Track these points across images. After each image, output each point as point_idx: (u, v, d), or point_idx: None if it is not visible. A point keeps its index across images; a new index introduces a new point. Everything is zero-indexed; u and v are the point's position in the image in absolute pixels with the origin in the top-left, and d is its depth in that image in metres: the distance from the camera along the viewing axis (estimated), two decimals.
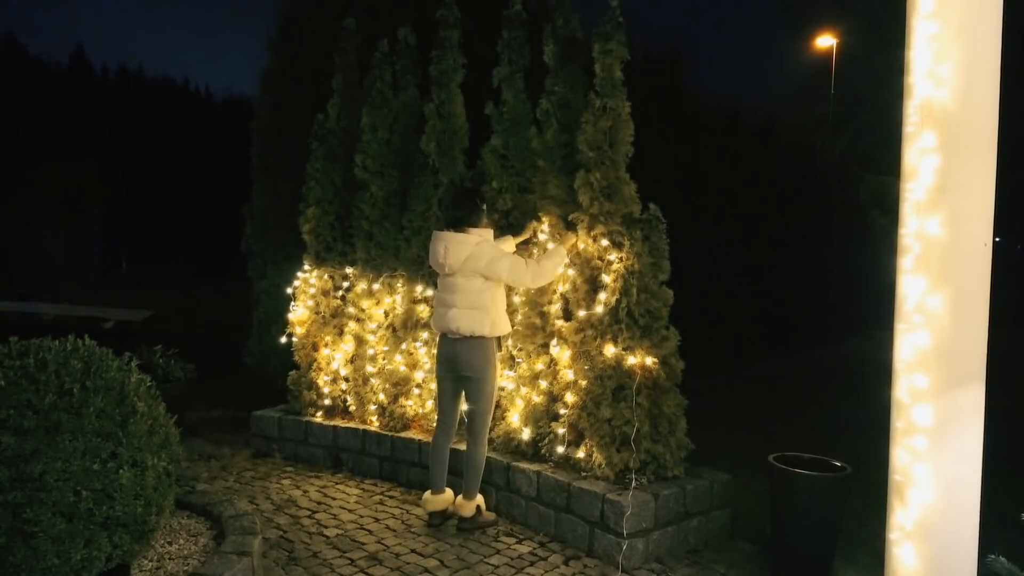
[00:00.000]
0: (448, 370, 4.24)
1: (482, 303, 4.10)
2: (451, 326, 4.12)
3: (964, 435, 2.36)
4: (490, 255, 4.08)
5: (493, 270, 4.07)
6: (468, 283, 4.10)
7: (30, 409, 2.64)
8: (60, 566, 2.58)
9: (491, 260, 4.07)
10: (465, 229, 4.15)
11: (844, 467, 3.62)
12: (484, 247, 4.10)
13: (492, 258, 4.07)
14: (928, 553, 2.39)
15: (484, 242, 4.13)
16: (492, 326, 4.13)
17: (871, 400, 3.24)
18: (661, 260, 4.05)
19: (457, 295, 4.11)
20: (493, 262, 4.07)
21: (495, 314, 4.15)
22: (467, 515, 4.23)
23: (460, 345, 4.14)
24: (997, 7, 2.31)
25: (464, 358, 4.13)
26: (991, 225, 2.35)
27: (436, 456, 4.35)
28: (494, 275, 4.08)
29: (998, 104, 2.34)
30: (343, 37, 5.98)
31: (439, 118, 5.13)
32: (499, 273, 4.07)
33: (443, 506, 4.31)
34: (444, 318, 4.16)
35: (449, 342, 4.20)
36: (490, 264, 4.06)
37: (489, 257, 4.07)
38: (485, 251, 4.08)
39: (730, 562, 3.85)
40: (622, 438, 3.96)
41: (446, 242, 4.12)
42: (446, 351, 4.22)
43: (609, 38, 4.07)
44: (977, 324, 2.34)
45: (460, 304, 4.10)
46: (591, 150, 4.12)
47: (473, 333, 4.09)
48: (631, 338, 3.97)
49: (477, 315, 4.09)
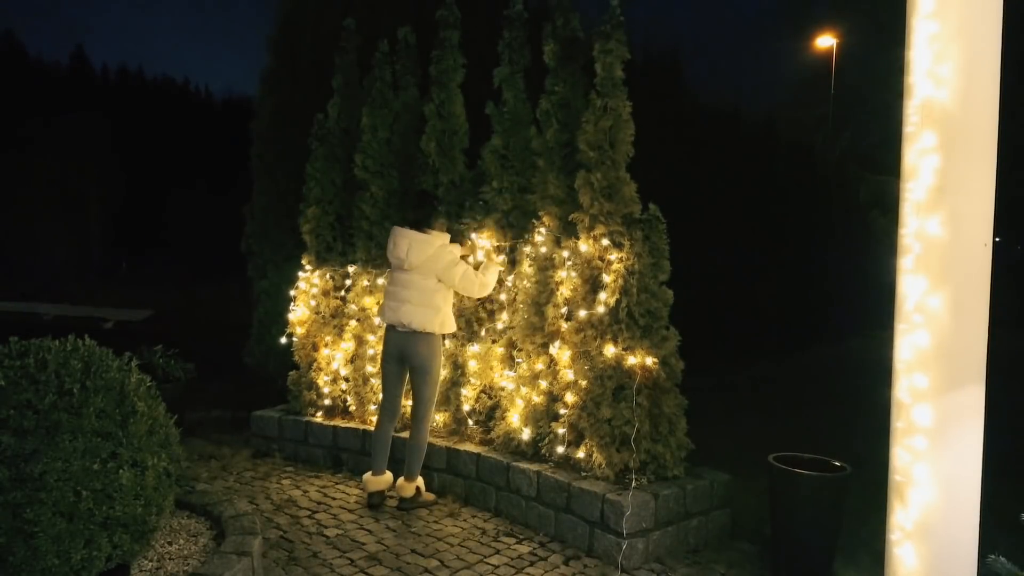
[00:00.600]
0: (396, 361, 4.53)
1: (435, 302, 4.41)
2: (404, 320, 4.40)
3: (964, 435, 2.36)
4: (448, 260, 4.43)
5: (448, 274, 4.41)
6: (424, 281, 4.41)
7: (30, 409, 2.64)
8: (60, 566, 2.58)
9: (448, 264, 4.42)
10: (425, 230, 4.46)
11: (844, 467, 3.62)
12: (444, 251, 4.46)
13: (449, 263, 4.42)
14: (928, 553, 2.39)
15: (445, 246, 4.50)
16: (442, 324, 4.46)
17: (871, 400, 3.24)
18: (661, 260, 4.05)
19: (411, 291, 4.40)
20: (450, 267, 4.41)
21: (445, 313, 4.48)
22: (408, 495, 4.51)
23: (410, 338, 4.43)
24: (997, 7, 2.31)
25: (413, 351, 4.43)
26: (991, 225, 2.35)
27: (379, 440, 4.63)
28: (447, 279, 4.42)
29: (998, 104, 2.34)
30: (343, 37, 5.98)
31: (439, 118, 5.13)
32: (452, 278, 4.42)
33: (383, 487, 4.57)
34: (397, 312, 4.43)
35: (399, 335, 4.47)
36: (447, 268, 4.41)
37: (447, 261, 4.42)
38: (444, 255, 4.44)
39: (730, 562, 3.85)
40: (622, 438, 3.96)
41: (410, 240, 4.42)
42: (396, 343, 4.49)
43: (609, 37, 4.07)
44: (977, 324, 2.34)
45: (414, 301, 4.39)
46: (591, 150, 4.12)
47: (424, 329, 4.39)
48: (631, 338, 3.97)
49: (429, 313, 4.40)
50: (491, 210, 4.80)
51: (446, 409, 4.97)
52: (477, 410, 4.81)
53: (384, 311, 4.54)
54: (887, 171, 10.84)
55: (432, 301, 4.40)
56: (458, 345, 4.93)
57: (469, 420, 4.84)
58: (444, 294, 4.46)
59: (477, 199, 4.91)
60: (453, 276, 4.40)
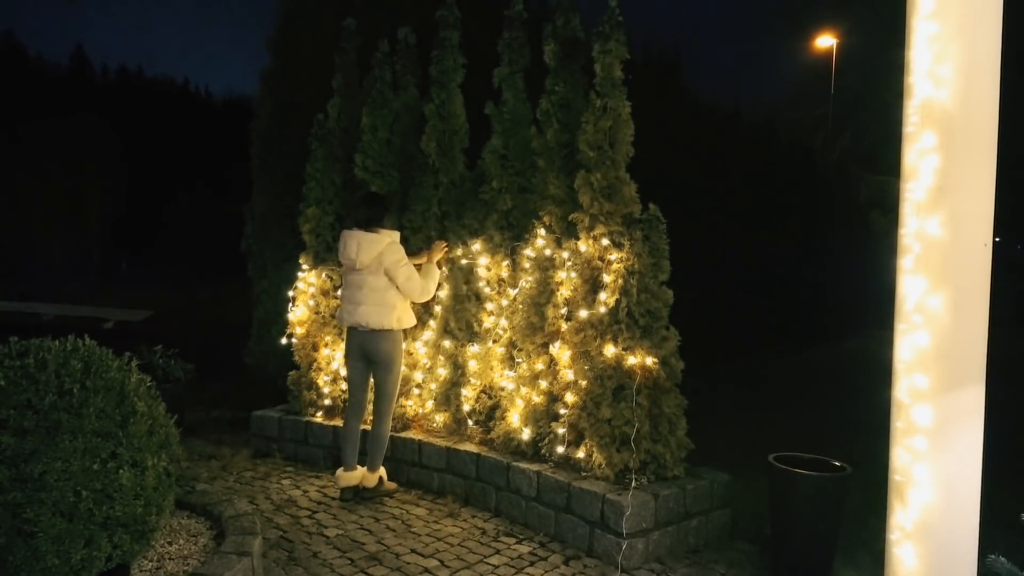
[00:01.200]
0: (359, 359, 4.66)
1: (389, 300, 4.54)
2: (362, 321, 4.54)
3: (964, 435, 2.36)
4: (396, 257, 4.54)
5: (394, 272, 4.52)
6: (376, 280, 4.53)
7: (30, 409, 2.64)
8: (60, 566, 2.58)
9: (396, 262, 4.53)
10: (375, 229, 4.55)
11: (844, 467, 3.62)
12: (394, 247, 4.56)
13: (397, 261, 4.53)
14: (928, 553, 2.39)
15: (394, 243, 4.59)
16: (399, 320, 4.59)
17: (871, 400, 3.24)
18: (661, 260, 4.05)
19: (365, 291, 4.54)
20: (397, 264, 4.52)
21: (401, 310, 4.61)
22: (371, 486, 4.68)
23: (371, 337, 4.57)
24: (997, 7, 2.31)
25: (375, 348, 4.57)
26: (991, 225, 2.35)
27: (348, 436, 4.75)
28: (393, 277, 4.53)
29: (998, 104, 2.34)
30: (343, 37, 5.98)
31: (439, 118, 5.13)
32: (398, 277, 4.53)
33: (355, 482, 4.68)
34: (355, 314, 4.56)
35: (360, 334, 4.60)
36: (394, 265, 4.52)
37: (395, 259, 4.53)
38: (393, 252, 4.54)
39: (730, 562, 3.85)
40: (622, 438, 3.96)
41: (359, 239, 4.51)
42: (357, 343, 4.62)
43: (608, 38, 4.08)
44: (977, 324, 2.34)
45: (369, 302, 4.53)
46: (591, 150, 4.12)
47: (382, 327, 4.53)
48: (631, 338, 3.97)
49: (385, 311, 4.53)
50: (491, 210, 4.80)
51: (446, 409, 4.97)
52: (477, 410, 4.81)
53: (342, 314, 4.68)
54: (887, 171, 10.85)
55: (386, 299, 4.53)
56: (458, 345, 4.93)
57: (469, 420, 4.84)
58: (396, 290, 4.57)
59: (477, 199, 4.91)
60: (399, 275, 4.52)
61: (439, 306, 5.09)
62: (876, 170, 12.39)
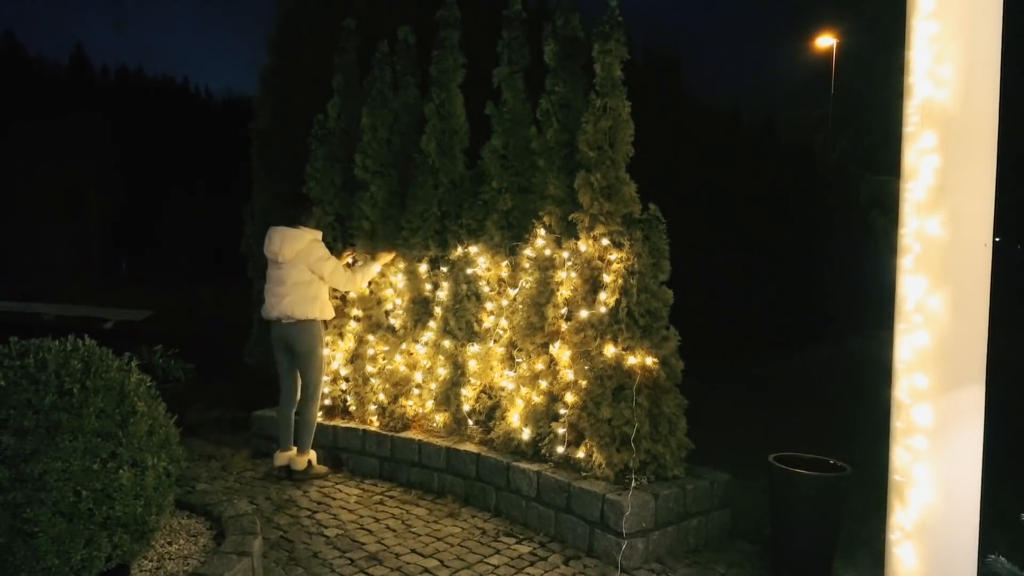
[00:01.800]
0: (284, 350, 5.01)
1: (311, 292, 4.89)
2: (286, 312, 4.87)
3: (964, 435, 2.35)
4: (319, 254, 4.92)
5: (319, 267, 4.89)
6: (298, 274, 4.87)
7: (30, 409, 2.64)
8: (60, 566, 2.58)
9: (319, 258, 4.90)
10: (297, 226, 4.93)
11: (844, 467, 3.62)
12: (316, 245, 4.94)
13: (320, 257, 4.91)
14: (928, 553, 2.39)
15: (316, 241, 4.96)
16: (321, 310, 4.95)
17: (871, 400, 3.23)
18: (661, 260, 4.05)
19: (287, 285, 4.86)
20: (320, 260, 4.90)
21: (322, 300, 4.96)
22: (300, 468, 5.01)
23: (293, 328, 4.91)
24: (997, 7, 2.31)
25: (297, 339, 4.91)
26: (991, 225, 2.34)
27: (283, 421, 5.11)
28: (318, 271, 4.90)
29: (998, 104, 2.34)
30: (343, 37, 5.98)
31: (439, 118, 5.13)
32: (323, 271, 4.91)
33: (286, 462, 5.05)
34: (278, 307, 4.90)
35: (283, 326, 4.94)
36: (318, 261, 4.89)
37: (318, 255, 4.91)
38: (316, 249, 4.92)
39: (730, 562, 3.85)
40: (622, 438, 3.96)
41: (282, 235, 4.88)
42: (281, 334, 4.97)
43: (608, 38, 4.07)
44: (977, 324, 2.34)
45: (292, 294, 4.86)
46: (591, 150, 4.12)
47: (305, 317, 4.88)
48: (631, 338, 3.97)
49: (308, 302, 4.88)
50: (491, 210, 4.80)
51: (446, 409, 4.97)
52: (477, 410, 4.81)
53: (266, 308, 4.97)
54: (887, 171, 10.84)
55: (308, 292, 4.87)
56: (458, 345, 4.93)
57: (469, 420, 4.84)
58: (318, 284, 4.93)
59: (477, 199, 4.91)
60: (324, 268, 4.90)
61: (439, 306, 5.09)
62: (876, 170, 12.37)
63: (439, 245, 5.11)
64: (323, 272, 4.90)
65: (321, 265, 4.89)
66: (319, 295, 4.93)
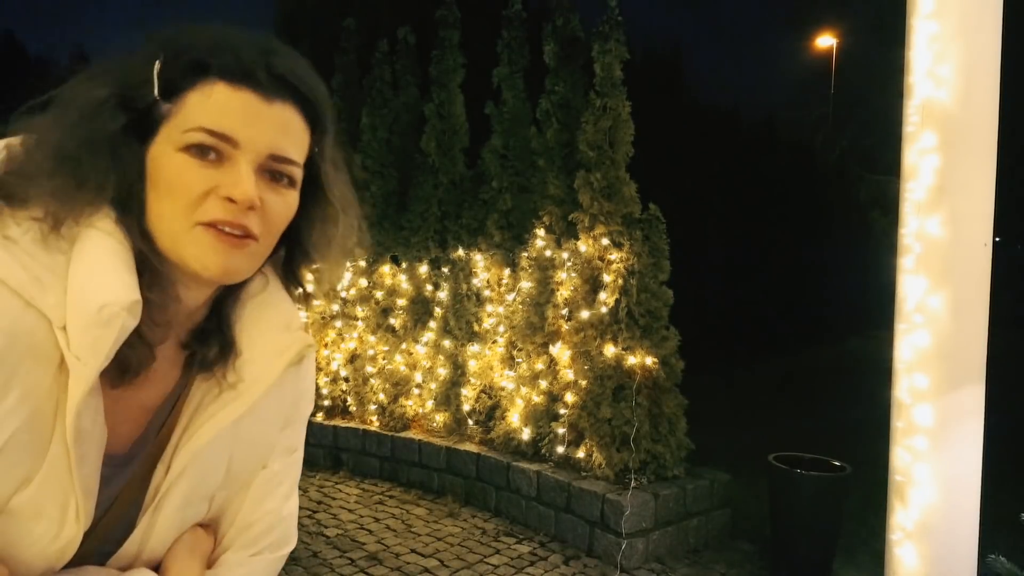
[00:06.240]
0: None
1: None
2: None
3: (964, 435, 2.35)
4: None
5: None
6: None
7: None
8: None
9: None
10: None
11: (844, 467, 3.62)
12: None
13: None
14: (928, 553, 2.39)
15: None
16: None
17: (871, 400, 3.23)
18: (661, 260, 4.05)
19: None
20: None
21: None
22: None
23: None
24: (997, 7, 2.31)
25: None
26: (991, 225, 2.34)
27: None
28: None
29: (998, 104, 2.34)
30: (343, 37, 5.98)
31: (439, 118, 5.13)
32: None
33: None
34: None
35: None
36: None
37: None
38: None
39: (730, 562, 3.85)
40: (622, 438, 3.96)
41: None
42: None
43: (608, 38, 4.08)
44: (977, 324, 2.34)
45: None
46: (591, 150, 4.12)
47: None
48: (631, 338, 3.97)
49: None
50: (491, 210, 4.80)
51: (446, 409, 4.97)
52: (477, 410, 4.81)
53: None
54: (887, 171, 10.86)
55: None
56: (458, 345, 4.94)
57: (469, 420, 4.84)
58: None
59: (477, 199, 4.91)
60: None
61: (439, 306, 5.09)
62: (876, 170, 12.39)
63: (439, 245, 5.11)
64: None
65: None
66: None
